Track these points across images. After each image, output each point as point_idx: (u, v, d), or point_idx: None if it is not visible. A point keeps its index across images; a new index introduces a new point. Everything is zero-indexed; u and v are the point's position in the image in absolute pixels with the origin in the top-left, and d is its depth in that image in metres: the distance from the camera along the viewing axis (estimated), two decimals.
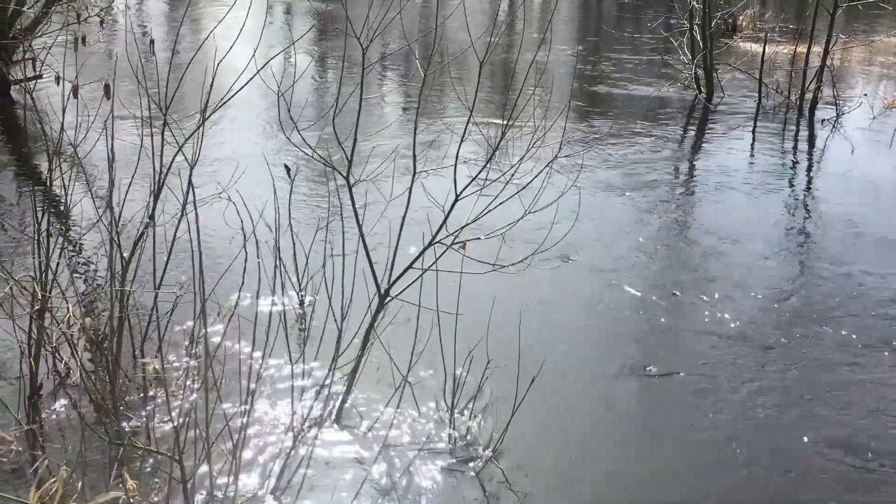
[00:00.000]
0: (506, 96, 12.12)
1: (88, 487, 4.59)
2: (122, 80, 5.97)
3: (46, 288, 5.22)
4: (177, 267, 6.27)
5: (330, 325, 5.50)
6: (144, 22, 18.51)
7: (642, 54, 18.11)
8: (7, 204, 9.10)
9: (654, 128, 12.99)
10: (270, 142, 11.03)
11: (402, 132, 10.97)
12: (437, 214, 5.61)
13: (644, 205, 9.69)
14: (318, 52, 17.01)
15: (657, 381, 6.33)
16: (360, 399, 5.69)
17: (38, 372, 5.46)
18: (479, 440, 5.52)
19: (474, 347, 5.63)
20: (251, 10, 5.61)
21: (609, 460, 5.51)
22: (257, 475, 5.01)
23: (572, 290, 7.56)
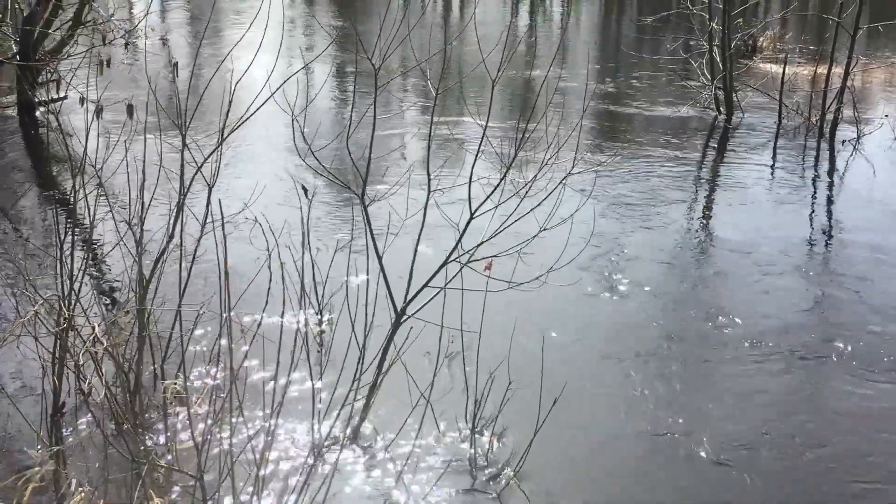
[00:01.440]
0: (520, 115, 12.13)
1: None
2: (144, 101, 6.07)
3: (70, 307, 5.29)
4: (197, 286, 6.34)
5: (348, 343, 5.53)
6: (166, 42, 18.74)
7: (662, 75, 18.13)
8: (31, 223, 9.23)
9: (674, 148, 12.99)
10: (290, 160, 11.11)
11: (417, 150, 11.04)
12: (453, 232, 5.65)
13: (662, 223, 9.68)
14: (335, 69, 17.15)
15: (679, 399, 6.32)
16: (379, 418, 5.70)
17: (61, 390, 5.52)
18: (500, 461, 5.51)
19: (496, 368, 5.63)
20: (269, 32, 5.68)
21: (632, 482, 5.49)
22: (277, 494, 5.03)
23: (588, 307, 7.56)
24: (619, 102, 15.63)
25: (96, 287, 7.52)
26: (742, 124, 14.44)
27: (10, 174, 11.10)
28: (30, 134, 12.39)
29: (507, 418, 5.72)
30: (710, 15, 15.23)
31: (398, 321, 5.63)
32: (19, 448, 5.42)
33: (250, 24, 5.35)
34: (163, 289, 5.92)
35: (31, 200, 9.90)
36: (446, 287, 5.57)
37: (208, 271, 6.84)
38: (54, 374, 5.32)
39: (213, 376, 5.45)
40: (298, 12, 25.52)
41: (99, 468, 5.14)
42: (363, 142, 5.72)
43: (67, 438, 5.49)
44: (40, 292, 5.55)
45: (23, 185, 10.30)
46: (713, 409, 6.22)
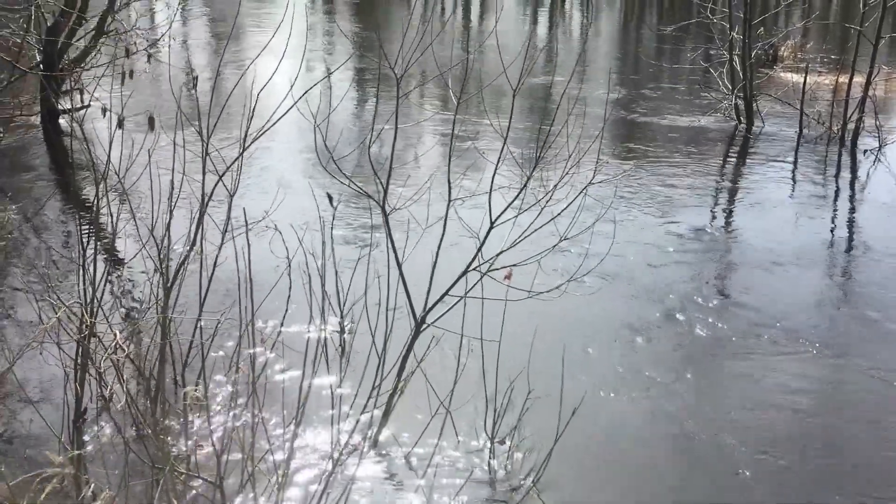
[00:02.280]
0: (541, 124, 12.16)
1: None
2: (165, 111, 6.11)
3: (92, 314, 5.33)
4: (219, 294, 6.36)
5: (368, 351, 5.55)
6: (188, 54, 18.89)
7: (682, 84, 18.09)
8: (54, 231, 9.31)
9: (694, 157, 12.96)
10: (312, 169, 11.15)
11: (438, 160, 11.05)
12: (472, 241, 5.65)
13: (683, 233, 9.65)
14: (356, 76, 17.22)
15: (698, 410, 6.29)
16: (399, 426, 5.70)
17: (83, 396, 5.55)
18: (519, 470, 5.50)
19: (516, 378, 5.62)
20: (291, 40, 5.71)
21: (653, 494, 5.46)
22: (296, 501, 5.04)
23: (609, 316, 7.54)
24: (639, 111, 15.60)
25: (118, 294, 7.57)
26: (762, 134, 14.39)
27: (33, 182, 11.20)
28: (53, 142, 12.50)
29: (527, 427, 5.71)
30: (730, 24, 15.20)
31: (418, 329, 5.63)
32: (41, 453, 5.46)
33: (273, 34, 5.38)
34: (184, 296, 5.95)
35: (54, 208, 9.98)
36: (466, 296, 5.57)
37: (229, 279, 6.88)
38: (76, 381, 5.36)
39: (234, 383, 5.47)
40: (318, 19, 25.64)
41: (119, 474, 5.17)
42: (384, 150, 5.74)
43: (88, 444, 5.52)
44: (63, 299, 5.60)
45: (46, 193, 10.39)
46: (737, 420, 6.19)
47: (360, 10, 27.66)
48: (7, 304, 7.51)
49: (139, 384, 5.60)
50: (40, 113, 12.82)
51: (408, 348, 5.60)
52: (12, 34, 11.44)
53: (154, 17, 19.52)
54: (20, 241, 8.89)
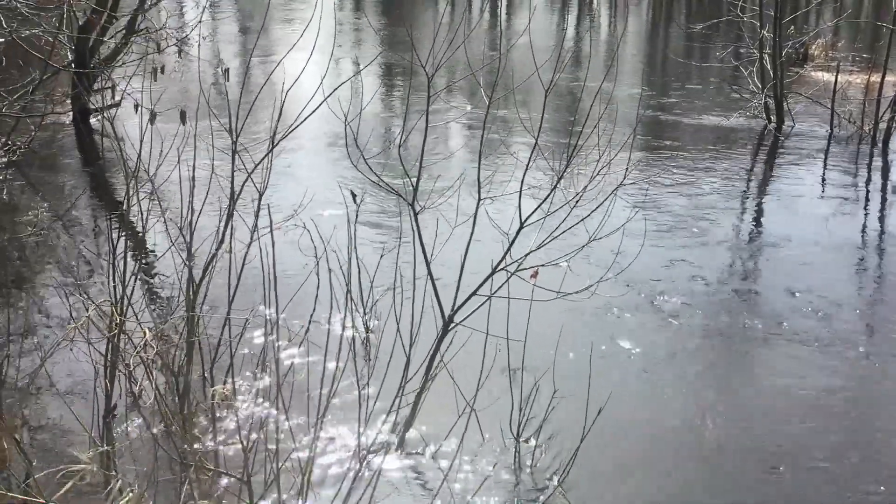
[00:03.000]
0: (571, 125, 12.13)
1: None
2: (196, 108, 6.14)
3: (122, 311, 5.36)
4: (247, 291, 6.38)
5: (396, 350, 5.54)
6: (218, 51, 18.95)
7: (711, 83, 17.96)
8: (85, 228, 9.39)
9: (723, 156, 12.85)
10: (339, 166, 11.17)
11: (467, 159, 11.04)
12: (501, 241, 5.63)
13: (712, 234, 9.58)
14: (385, 73, 17.24)
15: (729, 410, 6.25)
16: (425, 425, 5.69)
17: (113, 393, 5.59)
18: (545, 470, 5.49)
19: (541, 377, 5.61)
20: (320, 36, 5.71)
21: (679, 494, 5.43)
22: (323, 499, 5.05)
23: (637, 318, 7.50)
24: (668, 111, 15.49)
25: (147, 292, 7.62)
26: (793, 133, 14.24)
27: (64, 179, 11.30)
28: (84, 140, 12.61)
29: (553, 426, 5.69)
30: (760, 22, 15.06)
31: (445, 328, 5.62)
32: (72, 448, 5.51)
33: (303, 32, 5.39)
34: (212, 294, 5.97)
35: (85, 205, 10.06)
36: (495, 295, 5.55)
37: (257, 276, 6.90)
38: (106, 377, 5.40)
39: (261, 381, 5.49)
40: (345, 15, 25.67)
41: (147, 470, 5.20)
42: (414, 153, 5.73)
43: (118, 440, 5.55)
44: (93, 296, 5.64)
45: (77, 191, 10.48)
46: (762, 422, 6.14)
47: (386, 8, 27.68)
48: (38, 301, 7.58)
49: (168, 381, 5.63)
50: (72, 111, 12.93)
51: (435, 347, 5.59)
52: (45, 33, 11.53)
53: (183, 14, 19.65)
54: (51, 238, 8.97)
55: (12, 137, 11.12)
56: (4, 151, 10.86)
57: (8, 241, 8.64)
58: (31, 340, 6.75)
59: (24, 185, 10.70)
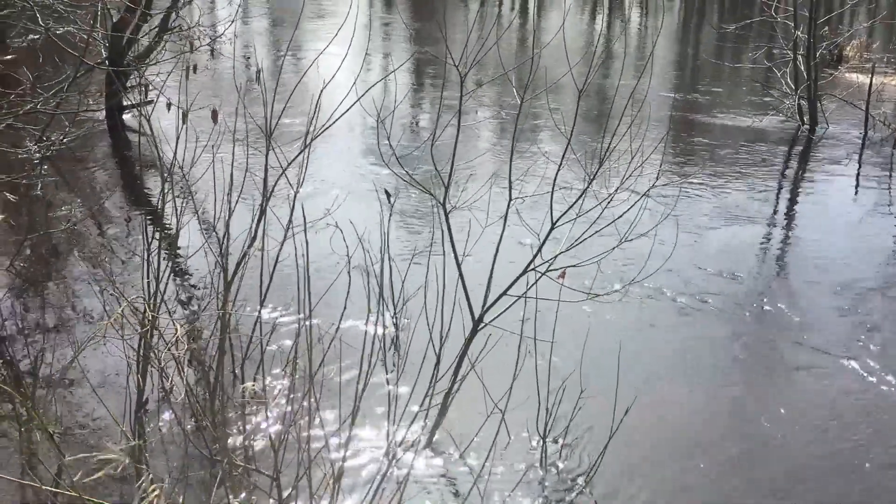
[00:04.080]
0: (603, 125, 12.09)
1: (189, 501, 4.72)
2: (229, 106, 6.16)
3: (155, 308, 5.40)
4: (279, 290, 6.40)
5: (423, 348, 5.55)
6: (250, 50, 19.06)
7: (743, 84, 17.83)
8: (118, 225, 9.47)
9: (755, 158, 12.76)
10: (369, 165, 11.20)
11: (499, 159, 11.03)
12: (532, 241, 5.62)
13: (743, 237, 9.51)
14: (416, 74, 17.26)
15: (753, 417, 6.20)
16: (454, 425, 5.69)
17: (145, 388, 5.63)
18: (571, 470, 5.48)
19: (568, 377, 5.61)
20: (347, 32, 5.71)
21: (704, 495, 5.40)
22: (351, 498, 5.06)
23: (666, 320, 7.46)
24: (700, 111, 15.41)
25: (179, 288, 7.68)
26: (826, 135, 14.12)
27: (98, 176, 11.41)
28: (118, 137, 12.72)
29: (580, 427, 5.68)
30: (795, 23, 14.93)
31: (475, 328, 5.62)
32: (103, 442, 5.56)
33: (337, 31, 5.40)
34: (244, 291, 6.00)
35: (118, 202, 10.15)
36: (524, 296, 5.54)
37: (289, 275, 6.93)
38: (138, 373, 5.44)
39: (291, 378, 5.50)
40: (376, 12, 25.73)
41: (178, 465, 5.24)
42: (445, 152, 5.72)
43: (149, 435, 5.60)
44: (125, 292, 5.68)
45: (110, 187, 10.58)
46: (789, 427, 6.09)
47: (417, 5, 27.71)
48: (71, 296, 7.66)
49: (199, 378, 5.66)
50: (105, 108, 13.04)
51: (465, 347, 5.59)
52: (79, 30, 11.65)
53: (216, 13, 19.77)
54: (84, 233, 9.06)
55: (46, 133, 11.25)
56: (39, 147, 10.98)
57: (42, 236, 8.74)
58: (64, 335, 6.83)
59: (57, 180, 10.81)
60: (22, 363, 6.40)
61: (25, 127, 11.17)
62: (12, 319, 7.15)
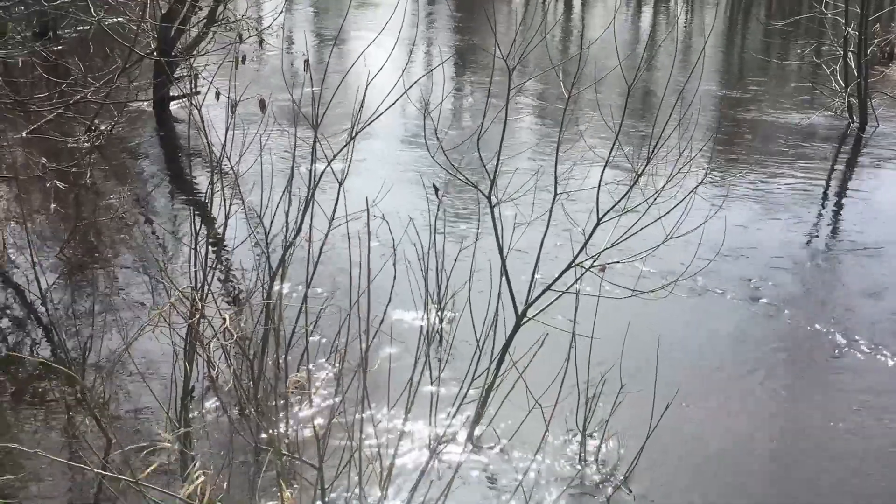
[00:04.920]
0: (650, 121, 12.02)
1: (234, 489, 4.77)
2: (275, 96, 6.22)
3: (202, 297, 5.46)
4: (324, 280, 6.45)
5: (467, 343, 5.56)
6: (295, 39, 19.17)
7: (790, 81, 17.59)
8: (165, 214, 9.59)
9: (803, 156, 12.58)
10: (414, 158, 11.22)
11: (545, 153, 11.00)
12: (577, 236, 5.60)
13: (790, 236, 9.39)
14: (462, 68, 17.25)
15: (797, 414, 6.13)
16: (495, 419, 5.70)
17: (191, 376, 5.70)
18: (610, 465, 5.47)
19: (607, 371, 5.59)
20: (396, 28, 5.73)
21: (745, 492, 5.36)
22: (392, 488, 5.08)
23: (712, 317, 7.40)
24: (747, 108, 15.23)
25: (226, 278, 7.76)
26: (876, 134, 13.87)
27: (145, 166, 11.56)
28: (165, 127, 12.87)
29: (620, 422, 5.66)
30: (846, 19, 14.70)
31: (518, 323, 5.62)
32: (150, 428, 5.65)
33: (386, 23, 5.41)
34: (289, 282, 6.05)
35: (165, 191, 10.27)
36: (569, 291, 5.53)
37: (335, 265, 6.98)
38: (186, 360, 5.51)
39: (336, 369, 5.54)
40: (422, 6, 25.73)
41: (223, 452, 5.30)
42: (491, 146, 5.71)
43: (194, 422, 5.67)
44: (173, 281, 5.76)
45: (157, 177, 10.71)
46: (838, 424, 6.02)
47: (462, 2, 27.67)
48: (119, 283, 7.77)
49: (244, 367, 5.72)
50: (153, 98, 13.20)
51: (508, 341, 5.59)
52: (129, 21, 11.80)
53: (262, 3, 19.91)
54: (132, 223, 9.18)
55: (96, 123, 11.42)
56: (88, 136, 11.14)
57: (90, 225, 8.87)
58: (111, 322, 6.93)
59: (106, 169, 10.97)
60: (71, 349, 6.52)
61: (76, 116, 11.35)
62: (61, 305, 7.28)
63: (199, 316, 5.25)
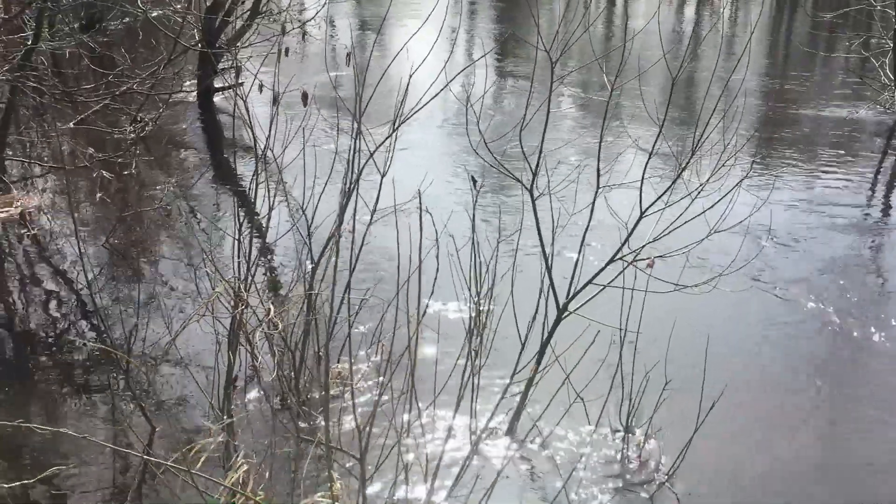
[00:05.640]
0: (694, 114, 11.90)
1: (275, 477, 4.81)
2: (318, 89, 6.24)
3: (247, 288, 5.51)
4: (366, 272, 6.47)
5: (507, 336, 5.55)
6: (338, 35, 19.22)
7: (837, 74, 17.30)
8: (207, 205, 9.68)
9: (850, 151, 12.38)
10: (456, 150, 11.21)
11: (587, 146, 10.94)
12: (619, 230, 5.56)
13: (837, 230, 9.25)
14: (504, 60, 17.18)
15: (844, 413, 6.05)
16: (535, 412, 5.68)
17: (234, 366, 5.75)
18: (653, 463, 5.43)
19: (652, 368, 5.54)
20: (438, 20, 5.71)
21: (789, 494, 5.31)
22: (433, 481, 5.09)
23: (758, 313, 7.31)
24: (794, 101, 15.01)
25: (269, 269, 7.82)
26: None
27: (189, 157, 11.67)
28: (209, 118, 12.99)
29: (664, 419, 5.62)
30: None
31: (560, 316, 5.60)
32: (192, 416, 5.71)
33: (429, 15, 5.41)
34: (330, 273, 6.07)
35: (209, 183, 10.35)
36: (610, 285, 5.50)
37: (376, 257, 7.00)
38: (230, 351, 5.56)
39: (378, 361, 5.56)
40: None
41: (264, 441, 5.34)
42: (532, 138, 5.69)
43: (236, 412, 5.72)
44: (215, 272, 5.81)
45: (201, 168, 10.81)
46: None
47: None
48: (164, 274, 7.85)
49: (286, 358, 5.76)
50: (197, 90, 13.32)
51: (549, 335, 5.57)
52: (174, 13, 11.90)
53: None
54: (176, 214, 9.27)
55: (141, 114, 11.54)
56: (133, 127, 11.26)
57: (136, 215, 8.98)
58: (155, 311, 7.01)
59: (150, 160, 11.08)
60: (116, 337, 6.61)
61: (121, 107, 11.48)
62: (107, 294, 7.38)
63: (243, 306, 5.29)
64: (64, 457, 5.24)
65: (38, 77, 10.43)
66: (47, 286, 7.73)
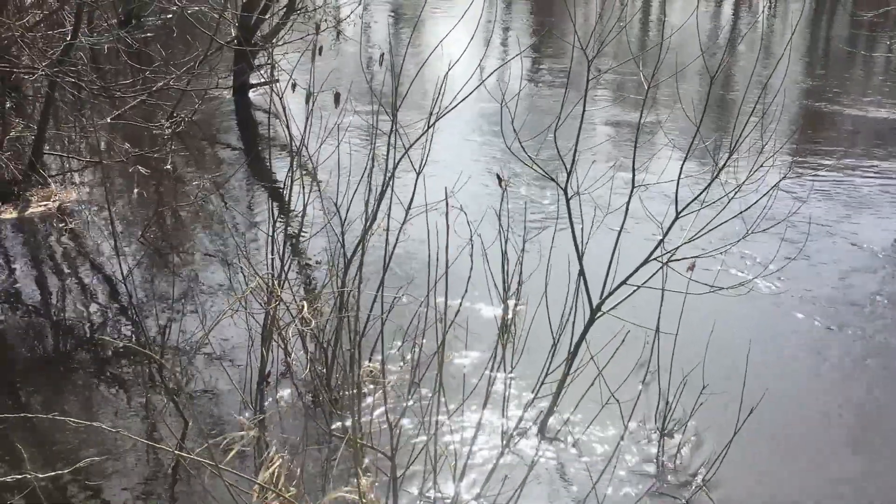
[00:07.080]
0: (730, 114, 11.78)
1: (306, 474, 4.82)
2: (352, 87, 6.24)
3: (280, 284, 5.52)
4: (399, 269, 6.46)
5: (540, 335, 5.52)
6: (374, 26, 19.27)
7: (877, 74, 17.05)
8: (241, 201, 9.73)
9: (890, 152, 12.19)
10: (488, 148, 11.18)
11: (622, 145, 10.86)
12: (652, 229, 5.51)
13: (876, 233, 9.10)
14: (538, 58, 17.13)
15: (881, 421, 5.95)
16: (567, 413, 5.65)
17: (267, 362, 5.78)
18: (689, 467, 5.37)
19: (690, 371, 5.48)
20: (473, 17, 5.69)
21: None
22: (464, 480, 5.07)
23: (795, 316, 7.22)
24: (833, 101, 14.81)
25: (302, 266, 7.84)
26: None
27: (224, 153, 11.74)
28: (244, 115, 13.06)
29: (701, 424, 5.56)
30: None
31: (593, 317, 5.56)
32: (225, 411, 5.74)
33: (464, 13, 5.38)
34: (364, 270, 6.07)
35: (243, 178, 10.40)
36: (645, 285, 5.45)
37: (410, 255, 6.99)
38: (263, 347, 5.57)
39: (412, 359, 5.55)
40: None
41: (297, 438, 5.36)
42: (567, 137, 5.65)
43: (269, 408, 5.74)
44: (249, 268, 5.83)
45: (235, 164, 10.86)
46: None
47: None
48: (198, 269, 7.90)
49: (319, 355, 5.77)
50: (233, 86, 13.41)
51: (582, 335, 5.53)
52: (210, 9, 11.98)
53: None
54: (211, 210, 9.32)
55: (177, 110, 11.63)
56: (169, 123, 11.36)
57: (171, 210, 9.04)
58: (189, 305, 7.06)
59: (186, 156, 11.16)
60: (150, 330, 6.66)
61: (158, 103, 11.58)
62: (142, 287, 7.44)
63: (277, 303, 5.31)
64: (97, 449, 5.28)
65: (77, 72, 10.55)
66: (84, 279, 7.81)
